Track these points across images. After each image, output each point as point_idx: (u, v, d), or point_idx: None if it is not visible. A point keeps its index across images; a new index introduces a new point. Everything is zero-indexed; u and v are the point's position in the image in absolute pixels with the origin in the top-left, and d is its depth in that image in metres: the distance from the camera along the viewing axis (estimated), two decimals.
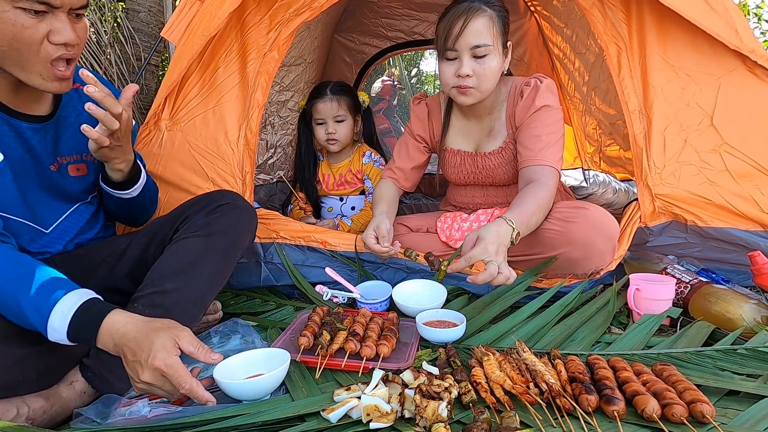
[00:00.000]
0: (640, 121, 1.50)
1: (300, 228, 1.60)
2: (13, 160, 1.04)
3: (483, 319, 1.28)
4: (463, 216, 1.65)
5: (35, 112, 1.07)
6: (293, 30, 1.58)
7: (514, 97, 1.53)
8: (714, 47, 1.40)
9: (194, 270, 1.10)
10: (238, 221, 1.22)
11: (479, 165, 1.62)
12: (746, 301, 1.20)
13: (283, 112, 2.49)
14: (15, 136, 1.04)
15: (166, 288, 1.06)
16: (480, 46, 1.38)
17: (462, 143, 1.64)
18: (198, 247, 1.13)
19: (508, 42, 1.47)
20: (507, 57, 1.48)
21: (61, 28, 0.91)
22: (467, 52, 1.39)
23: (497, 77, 1.45)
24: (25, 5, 0.86)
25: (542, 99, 1.46)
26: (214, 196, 1.25)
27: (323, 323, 1.18)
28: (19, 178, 1.06)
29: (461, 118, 1.64)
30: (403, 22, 3.03)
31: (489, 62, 1.40)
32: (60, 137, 1.13)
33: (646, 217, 1.52)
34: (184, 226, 1.18)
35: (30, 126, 1.05)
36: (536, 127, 1.45)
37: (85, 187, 1.21)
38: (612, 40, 1.51)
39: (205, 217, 1.18)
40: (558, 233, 1.37)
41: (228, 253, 1.19)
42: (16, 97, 1.02)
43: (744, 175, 1.42)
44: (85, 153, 1.16)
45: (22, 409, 0.85)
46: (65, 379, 0.94)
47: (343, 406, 0.88)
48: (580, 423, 0.83)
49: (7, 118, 1.02)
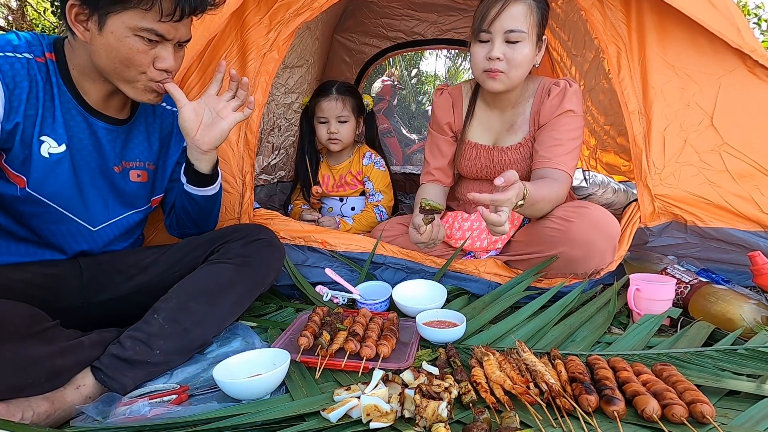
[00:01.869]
0: (640, 122, 1.50)
1: (300, 228, 1.60)
2: (81, 154, 1.10)
3: (483, 319, 1.28)
4: (464, 215, 1.65)
5: (117, 116, 1.16)
6: (293, 30, 1.58)
7: (541, 95, 1.52)
8: (714, 47, 1.40)
9: (221, 296, 1.14)
10: (269, 258, 1.27)
11: (495, 159, 1.62)
12: (746, 301, 1.20)
13: (289, 114, 2.50)
14: (89, 134, 1.11)
15: (190, 307, 1.09)
16: (514, 31, 1.37)
17: (481, 136, 1.64)
18: (230, 274, 1.17)
19: (544, 36, 1.46)
20: (540, 51, 1.47)
21: (167, 56, 1.05)
22: (501, 35, 1.39)
23: (527, 67, 1.44)
24: (144, 34, 0.99)
25: (569, 103, 1.46)
26: (252, 229, 1.29)
27: (323, 323, 1.18)
28: (82, 172, 1.11)
29: (484, 108, 1.64)
30: (403, 22, 3.03)
31: (521, 49, 1.39)
32: (129, 142, 1.20)
33: (645, 217, 1.52)
34: (221, 250, 1.21)
35: (105, 126, 1.13)
36: (558, 130, 1.45)
37: (143, 193, 1.25)
38: (611, 40, 1.51)
39: (243, 247, 1.22)
40: (558, 231, 1.37)
41: (254, 287, 1.23)
42: (104, 103, 1.12)
43: (744, 175, 1.43)
44: (147, 161, 1.25)
45: (27, 413, 0.86)
46: (72, 383, 0.95)
47: (343, 406, 0.88)
48: (580, 423, 0.83)
49: (86, 114, 1.10)
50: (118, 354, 0.99)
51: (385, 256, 1.54)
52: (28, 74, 1.01)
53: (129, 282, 1.20)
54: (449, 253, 1.58)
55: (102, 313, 1.17)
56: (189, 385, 1.02)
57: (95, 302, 1.17)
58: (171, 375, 1.05)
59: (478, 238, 1.57)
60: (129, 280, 1.21)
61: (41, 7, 9.07)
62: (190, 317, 1.08)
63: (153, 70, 1.05)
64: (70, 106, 1.08)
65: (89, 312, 1.15)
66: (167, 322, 1.05)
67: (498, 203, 1.10)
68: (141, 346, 1.01)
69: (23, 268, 1.09)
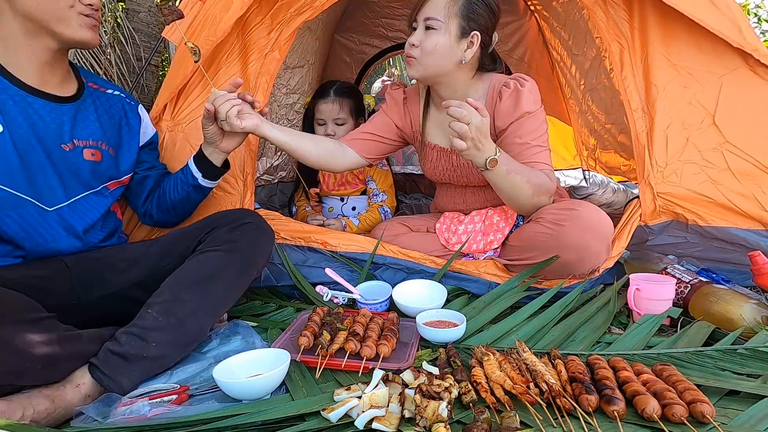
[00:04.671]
0: (643, 120, 1.50)
1: (300, 228, 1.60)
2: (18, 133, 1.11)
3: (483, 319, 1.28)
4: (461, 218, 1.65)
5: (58, 93, 1.18)
6: (294, 29, 1.58)
7: (492, 96, 1.49)
8: (716, 46, 1.40)
9: (212, 284, 1.13)
10: (258, 241, 1.26)
11: (454, 162, 1.61)
12: (746, 301, 1.20)
13: (291, 115, 2.50)
14: (29, 113, 1.12)
15: (182, 299, 1.09)
16: (430, 18, 1.40)
17: (438, 138, 1.63)
18: (218, 261, 1.16)
19: (474, 33, 1.42)
20: (468, 47, 1.43)
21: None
22: (422, 23, 1.42)
23: (442, 57, 1.42)
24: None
25: (525, 104, 1.43)
26: (238, 214, 1.30)
27: (323, 323, 1.18)
28: (24, 151, 1.11)
29: (435, 108, 1.63)
30: (403, 22, 3.03)
31: (434, 37, 1.40)
32: (80, 121, 1.21)
33: (646, 215, 1.51)
34: (208, 239, 1.22)
35: (46, 104, 1.15)
36: (522, 135, 1.43)
37: (97, 172, 1.24)
38: (614, 38, 1.51)
39: (229, 233, 1.22)
40: (550, 237, 1.35)
41: (245, 271, 1.23)
42: (41, 78, 1.14)
43: (746, 173, 1.42)
44: (100, 141, 1.25)
45: (27, 411, 0.86)
46: (71, 381, 0.94)
47: (343, 406, 0.88)
48: (580, 423, 0.83)
49: (23, 94, 1.11)
50: (113, 349, 0.98)
51: (386, 256, 1.54)
52: None
53: (120, 277, 1.20)
54: (448, 254, 1.58)
55: (98, 313, 1.16)
56: (189, 385, 1.02)
57: (88, 300, 1.17)
58: (171, 375, 1.05)
59: (473, 240, 1.57)
60: (120, 275, 1.20)
61: None
62: (183, 308, 1.07)
63: (80, 4, 1.11)
64: (3, 86, 1.09)
65: (84, 311, 1.15)
66: (161, 314, 1.05)
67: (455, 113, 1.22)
68: (136, 340, 1.00)
69: (11, 269, 1.09)
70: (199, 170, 1.36)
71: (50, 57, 1.13)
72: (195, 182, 1.36)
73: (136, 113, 1.38)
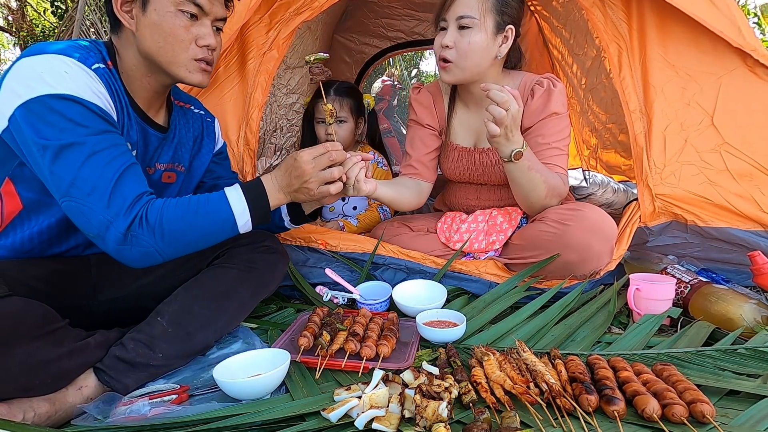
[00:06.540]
0: (641, 121, 1.50)
1: (300, 228, 1.60)
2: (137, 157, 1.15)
3: (483, 319, 1.28)
4: (463, 217, 1.65)
5: (157, 119, 1.20)
6: (293, 29, 1.58)
7: (523, 94, 1.50)
8: (715, 46, 1.40)
9: (224, 301, 1.15)
10: (274, 265, 1.28)
11: (476, 161, 1.61)
12: (746, 301, 1.20)
13: (290, 115, 2.49)
14: (143, 140, 1.15)
15: (194, 311, 1.10)
16: (464, 17, 1.36)
17: (462, 138, 1.63)
18: (234, 279, 1.18)
19: (508, 27, 1.41)
20: (503, 42, 1.42)
21: (206, 33, 1.10)
22: (454, 22, 1.39)
23: (481, 57, 1.40)
24: (184, 8, 1.06)
25: (555, 104, 1.44)
26: (259, 235, 1.29)
27: (323, 324, 1.18)
28: None
29: (462, 107, 1.63)
30: (403, 22, 3.03)
31: (471, 36, 1.37)
32: (163, 146, 1.22)
33: (646, 216, 1.52)
34: (227, 254, 1.23)
35: (155, 133, 1.18)
36: (546, 134, 1.44)
37: (165, 194, 1.25)
38: (612, 39, 1.51)
39: (249, 253, 1.23)
40: (554, 236, 1.36)
41: (257, 294, 1.24)
42: (148, 104, 1.16)
43: (744, 174, 1.42)
44: (177, 163, 1.26)
45: (28, 413, 0.86)
46: (74, 384, 0.95)
47: (343, 406, 0.88)
48: (580, 423, 0.83)
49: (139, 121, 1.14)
50: (120, 355, 0.99)
51: (385, 256, 1.54)
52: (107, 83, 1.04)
53: (134, 282, 1.20)
54: (449, 254, 1.57)
55: (104, 312, 1.16)
56: (189, 385, 1.02)
57: (99, 300, 1.17)
58: (171, 375, 1.05)
59: (476, 240, 1.57)
60: (135, 279, 1.20)
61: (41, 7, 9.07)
62: (193, 321, 1.08)
63: (195, 48, 1.10)
64: (131, 111, 1.11)
65: (92, 310, 1.15)
66: (170, 325, 1.05)
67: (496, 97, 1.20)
68: (143, 348, 1.01)
69: (39, 263, 1.09)
70: (288, 214, 1.34)
71: (161, 88, 1.15)
72: (281, 224, 1.35)
73: (212, 130, 1.38)
